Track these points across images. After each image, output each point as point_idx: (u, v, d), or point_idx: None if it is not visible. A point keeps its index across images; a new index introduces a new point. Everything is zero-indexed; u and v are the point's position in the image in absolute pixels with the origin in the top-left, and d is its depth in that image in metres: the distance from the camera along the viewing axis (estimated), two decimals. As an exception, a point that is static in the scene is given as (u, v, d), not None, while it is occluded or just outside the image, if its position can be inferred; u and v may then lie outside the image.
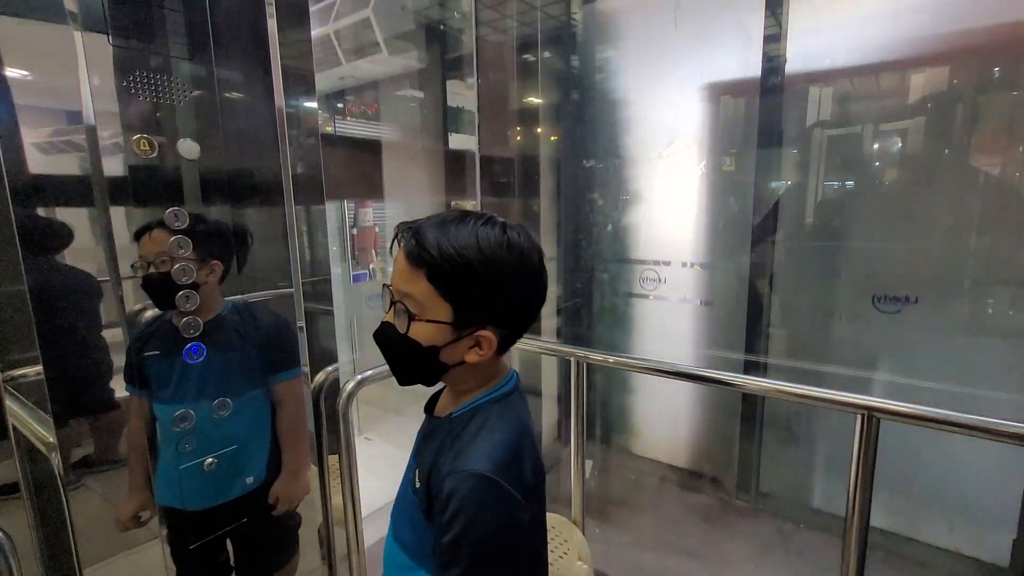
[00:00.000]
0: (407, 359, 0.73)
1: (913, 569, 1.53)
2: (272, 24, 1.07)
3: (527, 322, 0.76)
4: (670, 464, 2.01)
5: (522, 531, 0.69)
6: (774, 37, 1.72)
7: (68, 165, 0.83)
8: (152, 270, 0.93)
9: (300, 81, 1.14)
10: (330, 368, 1.29)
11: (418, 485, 0.74)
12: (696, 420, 1.93)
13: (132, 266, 0.91)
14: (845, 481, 1.14)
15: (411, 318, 0.70)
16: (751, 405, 1.78)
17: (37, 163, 0.79)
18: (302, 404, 1.19)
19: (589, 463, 2.19)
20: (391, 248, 0.75)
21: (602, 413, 2.17)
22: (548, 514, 1.67)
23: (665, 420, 2.00)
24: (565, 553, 1.52)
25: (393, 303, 0.73)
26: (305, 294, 1.19)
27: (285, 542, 1.25)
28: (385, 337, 0.74)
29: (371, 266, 1.80)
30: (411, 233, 0.71)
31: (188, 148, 0.90)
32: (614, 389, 2.12)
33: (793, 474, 1.72)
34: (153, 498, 0.97)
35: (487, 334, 0.72)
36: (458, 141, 1.84)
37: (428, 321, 0.70)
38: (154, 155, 0.86)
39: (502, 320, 0.73)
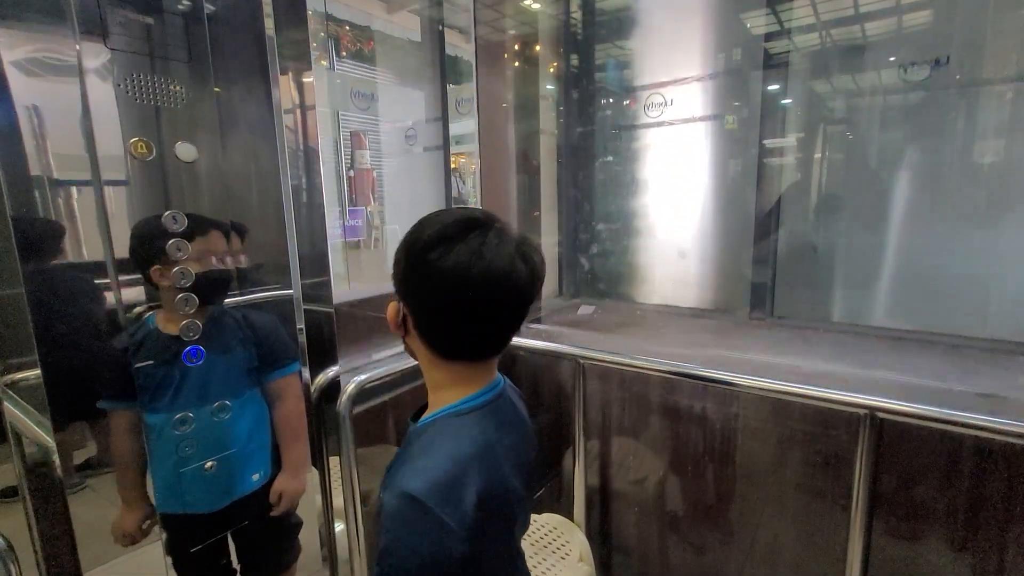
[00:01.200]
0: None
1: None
2: (269, 24, 1.07)
3: (456, 339, 0.70)
4: (678, 305, 2.04)
5: (450, 565, 0.60)
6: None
7: (66, 168, 0.83)
8: (156, 272, 0.93)
9: (298, 75, 1.14)
10: (331, 371, 1.28)
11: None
12: (705, 259, 1.97)
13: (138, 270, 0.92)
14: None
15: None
16: (763, 230, 1.82)
17: (34, 166, 0.79)
18: (300, 400, 1.19)
19: (590, 308, 2.16)
20: None
21: (602, 267, 2.21)
22: (549, 515, 1.67)
23: (671, 267, 2.04)
24: (567, 554, 1.52)
25: None
26: (305, 296, 1.19)
27: (287, 544, 1.25)
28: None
29: (368, 209, 1.79)
30: None
31: (185, 151, 0.90)
32: (617, 239, 2.18)
33: (809, 295, 1.76)
34: (153, 506, 0.97)
35: (404, 309, 0.73)
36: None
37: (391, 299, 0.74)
38: (152, 157, 0.86)
39: (406, 296, 0.71)
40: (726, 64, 1.90)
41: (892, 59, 1.58)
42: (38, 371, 0.80)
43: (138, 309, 0.95)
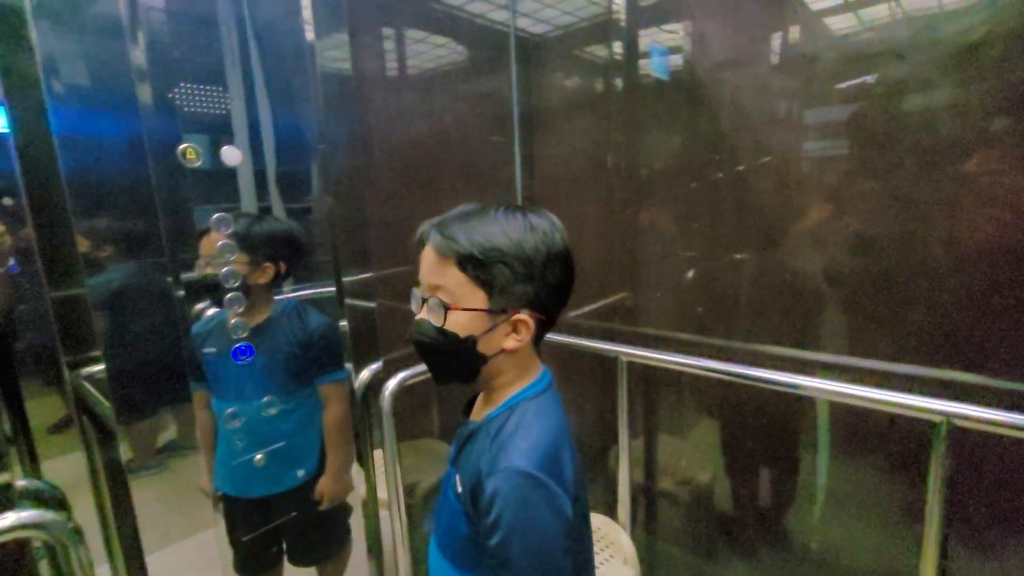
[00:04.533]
0: (445, 353, 0.73)
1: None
2: (310, 31, 1.09)
3: (559, 306, 0.76)
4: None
5: (569, 529, 0.67)
6: None
7: (124, 173, 0.88)
8: (209, 271, 0.98)
9: (339, 83, 1.16)
10: (373, 367, 1.31)
11: (460, 490, 0.74)
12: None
13: (193, 268, 0.96)
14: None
15: (447, 309, 0.70)
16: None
17: (94, 171, 0.84)
18: (347, 405, 1.21)
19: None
20: (416, 248, 0.74)
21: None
22: (592, 514, 1.64)
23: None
24: (610, 556, 1.48)
25: (424, 301, 0.73)
26: (348, 292, 1.21)
27: (334, 534, 1.29)
28: (420, 334, 0.73)
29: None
30: (436, 227, 0.71)
31: (231, 155, 0.93)
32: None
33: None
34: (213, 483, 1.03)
35: (524, 317, 0.71)
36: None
37: (464, 310, 0.70)
38: (200, 163, 0.89)
39: (536, 303, 0.72)
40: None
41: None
42: (103, 365, 0.85)
43: (201, 305, 1.00)
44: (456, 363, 0.74)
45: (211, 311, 1.02)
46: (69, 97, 0.87)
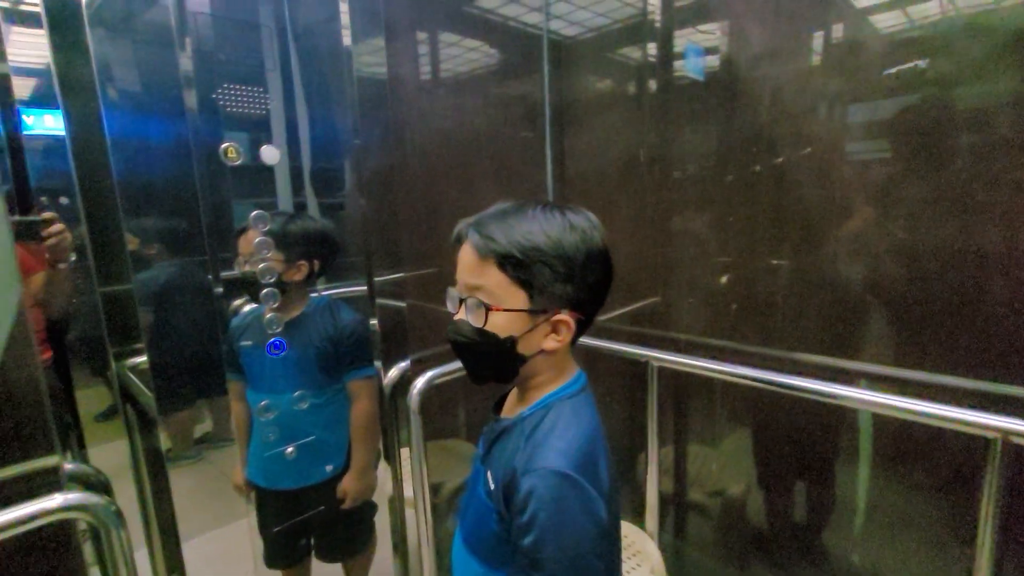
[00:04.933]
0: (485, 354, 0.73)
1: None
2: (347, 35, 1.11)
3: (597, 305, 0.75)
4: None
5: (603, 532, 0.66)
6: None
7: (170, 173, 0.92)
8: (247, 268, 1.01)
9: (374, 85, 1.18)
10: (402, 365, 1.32)
11: (492, 488, 0.73)
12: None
13: (233, 265, 1.00)
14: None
15: (488, 309, 0.70)
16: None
17: (143, 172, 0.88)
18: (375, 402, 1.23)
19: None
20: (452, 247, 0.74)
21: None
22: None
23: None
24: (637, 565, 1.45)
25: (462, 301, 0.72)
26: (379, 291, 1.23)
27: (360, 532, 1.31)
28: (459, 334, 0.73)
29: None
30: (473, 227, 0.71)
31: (270, 154, 0.96)
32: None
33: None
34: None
35: (564, 318, 0.70)
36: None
37: (505, 310, 0.69)
38: (240, 161, 0.93)
39: (576, 302, 0.71)
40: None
41: None
42: (145, 357, 0.89)
43: (238, 301, 1.04)
44: (496, 364, 0.74)
45: (248, 307, 1.05)
46: (121, 101, 0.91)
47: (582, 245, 0.69)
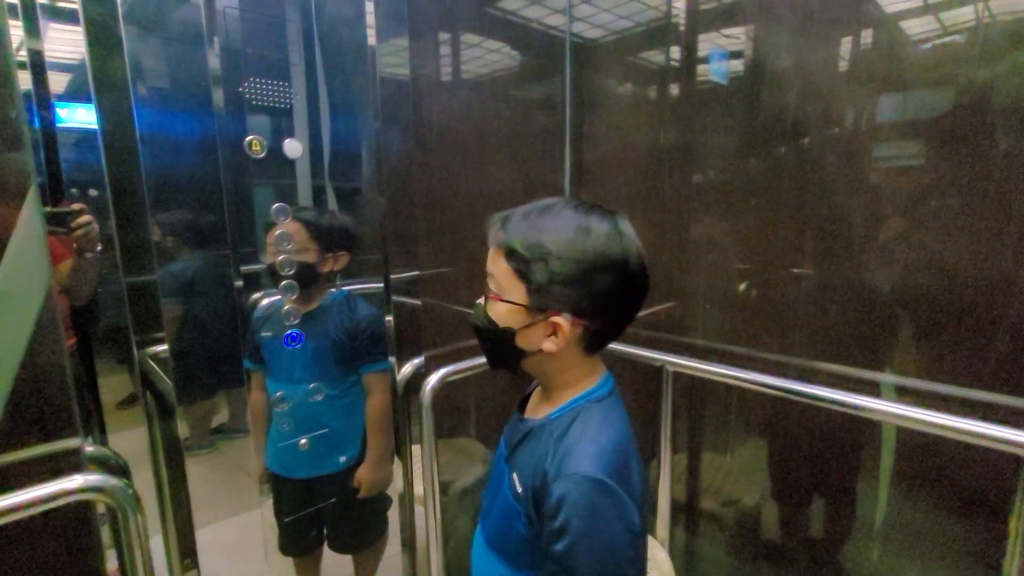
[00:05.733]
0: (486, 339, 0.75)
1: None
2: (372, 33, 1.13)
3: (613, 315, 0.71)
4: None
5: (636, 539, 0.65)
6: None
7: (196, 166, 0.94)
8: (269, 259, 1.03)
9: (396, 85, 1.19)
10: (416, 362, 1.33)
11: (520, 490, 0.72)
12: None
13: (255, 257, 1.02)
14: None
15: (492, 297, 0.71)
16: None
17: (170, 165, 0.90)
18: (389, 396, 1.24)
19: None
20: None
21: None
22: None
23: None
24: (648, 571, 1.43)
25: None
26: (395, 288, 1.24)
27: (372, 524, 1.32)
28: (473, 316, 0.76)
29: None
30: (500, 218, 0.72)
31: (293, 148, 0.97)
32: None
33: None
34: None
35: (560, 321, 0.68)
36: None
37: (504, 301, 0.70)
38: (263, 155, 0.94)
39: (580, 309, 0.68)
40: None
41: None
42: (166, 346, 0.91)
43: (259, 292, 1.06)
44: (497, 351, 0.75)
45: (269, 298, 1.07)
46: (152, 97, 0.93)
47: (592, 250, 0.67)
